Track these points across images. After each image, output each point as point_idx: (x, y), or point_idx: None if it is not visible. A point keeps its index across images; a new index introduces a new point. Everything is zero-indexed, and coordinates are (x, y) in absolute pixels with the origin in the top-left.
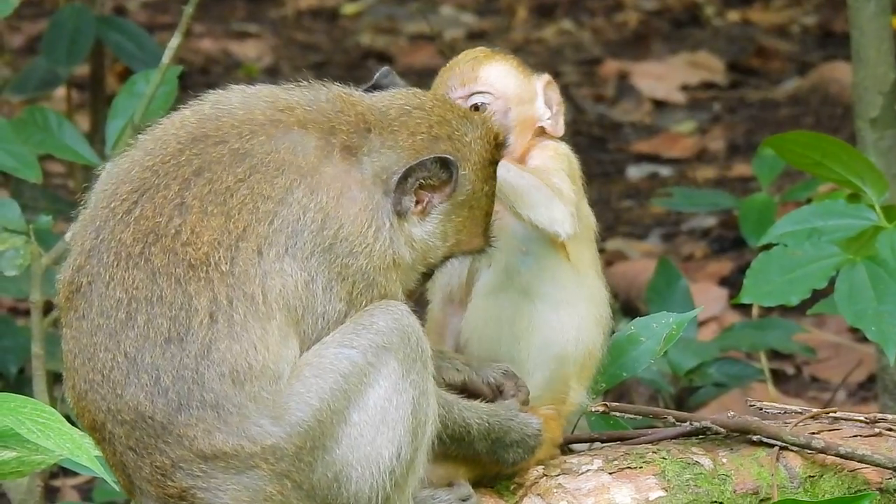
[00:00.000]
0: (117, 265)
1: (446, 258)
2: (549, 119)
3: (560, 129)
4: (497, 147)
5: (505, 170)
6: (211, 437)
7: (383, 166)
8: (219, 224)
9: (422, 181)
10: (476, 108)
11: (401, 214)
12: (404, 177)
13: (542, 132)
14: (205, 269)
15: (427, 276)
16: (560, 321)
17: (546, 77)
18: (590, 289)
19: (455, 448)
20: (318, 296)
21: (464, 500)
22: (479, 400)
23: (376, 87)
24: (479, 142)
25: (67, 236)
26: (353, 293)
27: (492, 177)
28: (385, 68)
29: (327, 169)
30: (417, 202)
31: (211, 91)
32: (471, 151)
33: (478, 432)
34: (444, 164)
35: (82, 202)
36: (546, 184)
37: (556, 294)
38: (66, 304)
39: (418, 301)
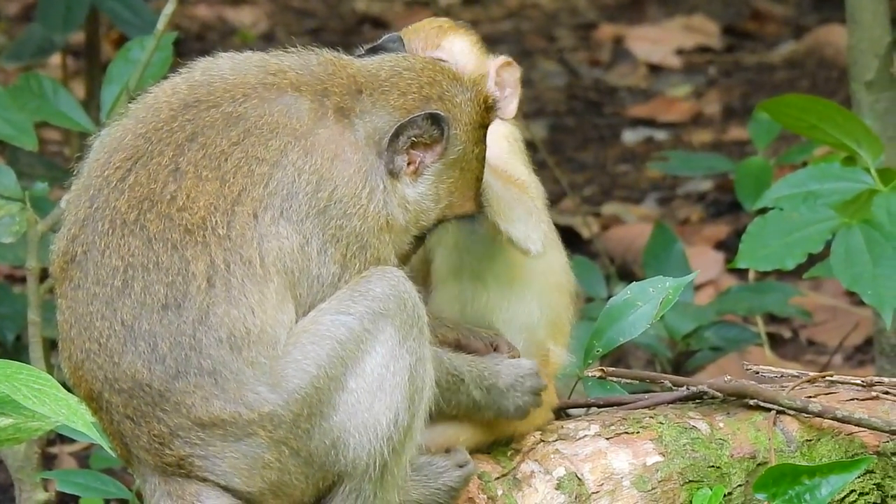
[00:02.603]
0: (112, 233)
1: (439, 221)
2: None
3: (509, 113)
4: (487, 110)
5: (490, 177)
6: (209, 405)
7: (375, 127)
8: (214, 188)
9: (413, 139)
10: None
11: (394, 174)
12: (396, 134)
13: None
14: (201, 233)
15: (420, 240)
16: (518, 295)
17: (502, 59)
18: (545, 259)
19: (454, 403)
20: (312, 258)
21: (461, 466)
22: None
23: (379, 49)
24: (470, 104)
25: (63, 204)
26: (347, 255)
27: (482, 140)
28: (394, 34)
29: (321, 131)
30: (410, 163)
31: (201, 58)
32: (461, 112)
33: (470, 379)
34: (435, 120)
35: (75, 172)
36: (526, 197)
37: (509, 271)
38: (62, 275)
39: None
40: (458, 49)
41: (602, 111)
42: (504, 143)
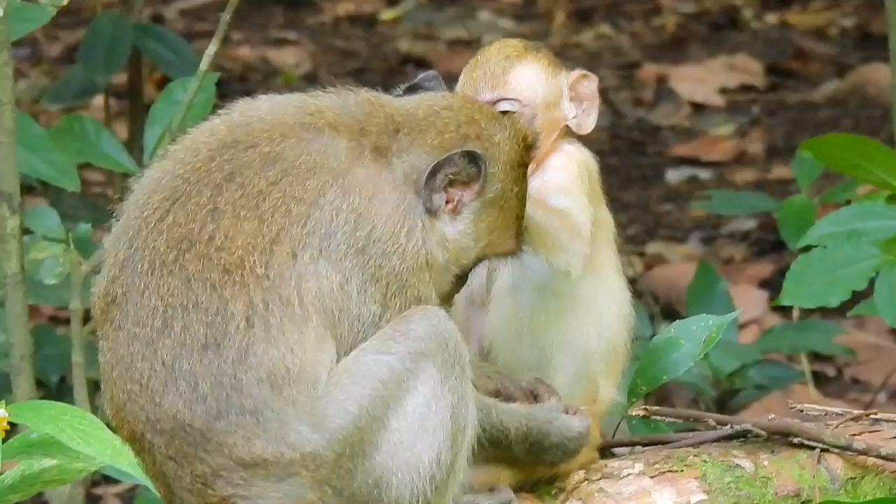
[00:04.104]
0: (152, 273)
1: (479, 260)
2: (574, 118)
3: (587, 128)
4: (526, 149)
5: (530, 207)
6: (251, 445)
7: (413, 166)
8: (252, 228)
9: (451, 177)
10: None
11: (432, 212)
12: (433, 173)
13: (568, 130)
14: (240, 273)
15: (462, 279)
16: (578, 318)
17: (576, 73)
18: (609, 288)
19: (493, 451)
20: (352, 298)
21: None
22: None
23: (416, 88)
24: (508, 142)
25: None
26: (387, 295)
27: (522, 179)
28: (431, 72)
29: (359, 170)
30: (448, 201)
31: (241, 99)
32: (499, 151)
33: (516, 436)
34: (473, 158)
35: (116, 214)
36: (567, 225)
37: (571, 291)
38: (103, 317)
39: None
40: (526, 78)
41: (645, 150)
42: (573, 168)
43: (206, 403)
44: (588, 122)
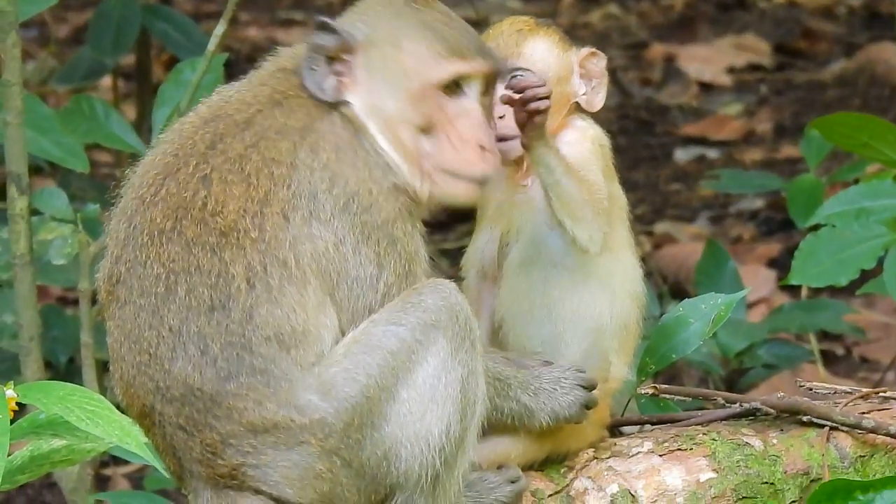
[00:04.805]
0: (152, 244)
1: (435, 91)
2: (584, 95)
3: (596, 105)
4: None
5: (563, 176)
6: (261, 408)
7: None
8: (241, 192)
9: (326, 58)
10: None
11: (338, 100)
12: (306, 67)
13: (577, 107)
14: (235, 235)
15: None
16: (591, 293)
17: (585, 51)
18: (622, 265)
19: (506, 411)
20: (349, 259)
21: (513, 482)
22: None
23: None
24: None
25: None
26: (380, 253)
27: (395, 17)
28: None
29: (318, 125)
30: (341, 80)
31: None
32: (364, 11)
33: (517, 384)
34: (325, 27)
35: (116, 199)
36: (594, 199)
37: (585, 266)
38: (108, 298)
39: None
40: (539, 52)
41: (654, 130)
42: (587, 145)
43: (217, 365)
44: (597, 99)
